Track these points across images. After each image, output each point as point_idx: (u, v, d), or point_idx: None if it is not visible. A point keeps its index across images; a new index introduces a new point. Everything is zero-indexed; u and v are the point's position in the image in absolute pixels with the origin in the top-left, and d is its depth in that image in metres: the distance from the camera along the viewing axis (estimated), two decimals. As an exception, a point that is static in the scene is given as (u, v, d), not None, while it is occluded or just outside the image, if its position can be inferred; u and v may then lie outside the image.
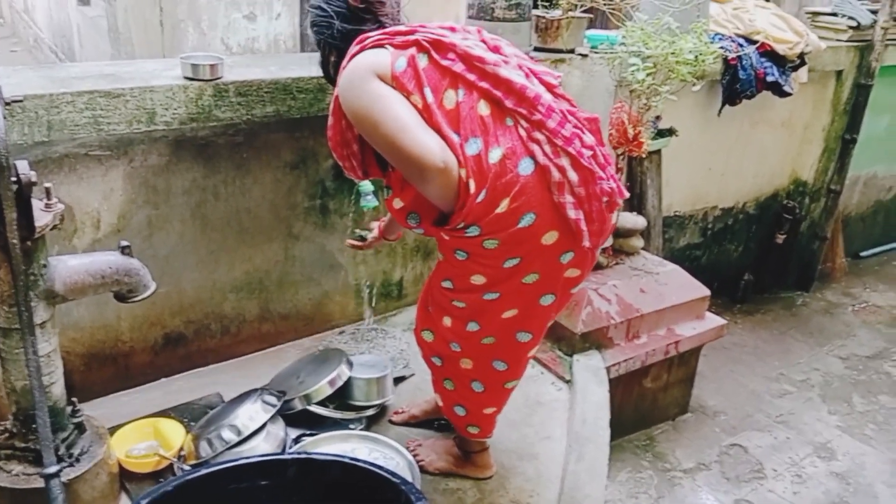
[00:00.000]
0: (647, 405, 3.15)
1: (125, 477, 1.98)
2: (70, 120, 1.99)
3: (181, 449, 2.04)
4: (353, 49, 1.68)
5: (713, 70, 3.37)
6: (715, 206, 4.19)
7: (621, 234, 3.07)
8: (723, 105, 3.63)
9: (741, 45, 3.51)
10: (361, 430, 2.26)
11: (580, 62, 3.00)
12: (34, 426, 1.67)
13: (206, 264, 2.46)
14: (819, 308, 4.47)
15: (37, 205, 1.63)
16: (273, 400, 2.14)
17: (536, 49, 2.96)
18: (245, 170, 2.44)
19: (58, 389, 1.78)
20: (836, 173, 4.52)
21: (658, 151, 3.18)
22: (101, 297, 1.87)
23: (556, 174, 1.62)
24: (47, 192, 1.68)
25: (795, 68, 3.71)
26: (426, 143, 1.57)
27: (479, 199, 1.60)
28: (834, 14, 4.24)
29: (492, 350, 1.91)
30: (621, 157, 2.88)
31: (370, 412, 2.32)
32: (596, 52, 3.07)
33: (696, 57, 2.77)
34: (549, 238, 1.67)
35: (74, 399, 1.86)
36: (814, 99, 4.27)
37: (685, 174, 3.80)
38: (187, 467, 1.96)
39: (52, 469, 1.64)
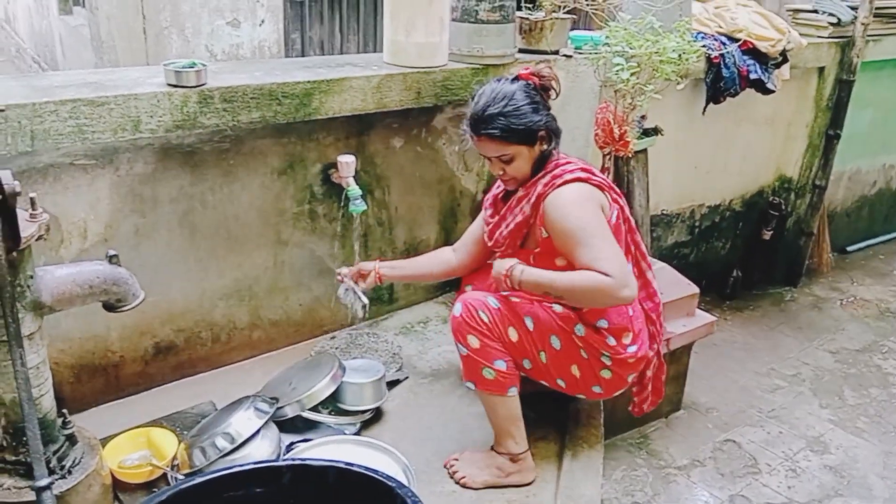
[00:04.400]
0: (639, 403, 3.14)
1: (118, 488, 1.97)
2: (54, 129, 1.98)
3: (174, 458, 2.03)
4: (567, 174, 2.09)
5: (697, 69, 3.39)
6: (702, 204, 4.20)
7: (610, 233, 3.06)
8: (707, 103, 3.64)
9: (724, 44, 3.52)
10: (355, 434, 2.25)
11: (565, 63, 3.01)
12: (24, 439, 1.65)
13: (195, 272, 2.45)
14: (807, 303, 4.49)
15: (22, 215, 1.61)
16: (266, 407, 2.13)
17: (521, 51, 2.97)
18: (232, 176, 2.43)
19: (47, 401, 1.77)
20: (821, 169, 4.54)
21: (644, 151, 3.18)
22: (89, 307, 1.86)
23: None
24: (32, 202, 1.67)
25: (778, 65, 3.73)
26: (633, 284, 2.04)
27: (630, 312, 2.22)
28: (815, 11, 4.26)
29: None
30: (608, 158, 2.89)
31: (364, 416, 2.32)
32: (580, 53, 3.08)
33: (680, 56, 2.77)
34: None
35: (65, 410, 1.84)
36: (797, 96, 4.30)
37: (671, 173, 3.82)
38: (181, 476, 1.96)
39: (44, 482, 1.63)
